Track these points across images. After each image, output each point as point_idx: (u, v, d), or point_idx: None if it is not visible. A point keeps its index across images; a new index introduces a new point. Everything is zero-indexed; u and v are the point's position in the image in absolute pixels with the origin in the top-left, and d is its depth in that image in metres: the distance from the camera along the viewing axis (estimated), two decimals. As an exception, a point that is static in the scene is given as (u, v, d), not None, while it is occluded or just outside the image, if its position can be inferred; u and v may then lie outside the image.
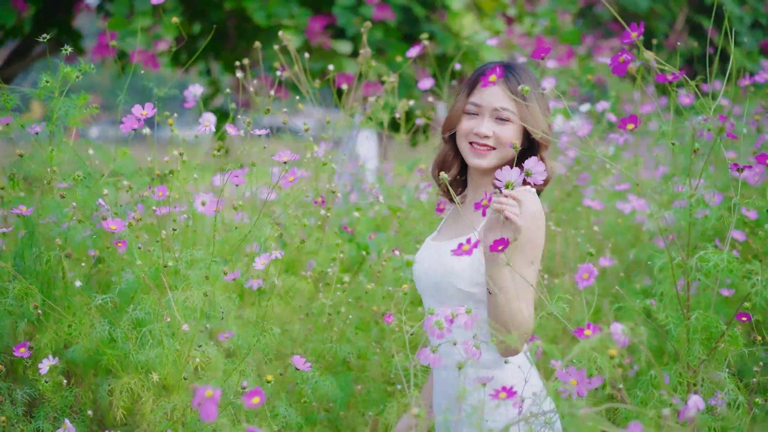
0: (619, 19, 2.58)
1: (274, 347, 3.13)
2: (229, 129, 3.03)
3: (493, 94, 2.70)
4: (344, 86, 4.04)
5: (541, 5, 8.97)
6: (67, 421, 2.71)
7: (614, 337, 2.25)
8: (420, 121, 4.49)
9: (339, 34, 7.47)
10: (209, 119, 3.85)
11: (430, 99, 4.80)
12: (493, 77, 2.47)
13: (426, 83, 4.47)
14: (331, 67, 4.06)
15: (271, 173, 3.81)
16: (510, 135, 2.69)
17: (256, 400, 2.01)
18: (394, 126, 4.44)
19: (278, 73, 3.87)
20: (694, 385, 2.42)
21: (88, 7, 7.87)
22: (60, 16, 7.94)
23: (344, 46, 7.35)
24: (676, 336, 2.42)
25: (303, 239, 3.27)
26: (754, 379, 2.57)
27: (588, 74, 5.60)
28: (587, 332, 2.23)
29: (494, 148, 2.72)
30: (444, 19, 7.59)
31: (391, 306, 3.53)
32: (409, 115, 4.96)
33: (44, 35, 3.08)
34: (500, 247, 2.37)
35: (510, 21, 8.27)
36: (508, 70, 2.72)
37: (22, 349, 2.85)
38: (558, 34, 8.47)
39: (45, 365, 2.82)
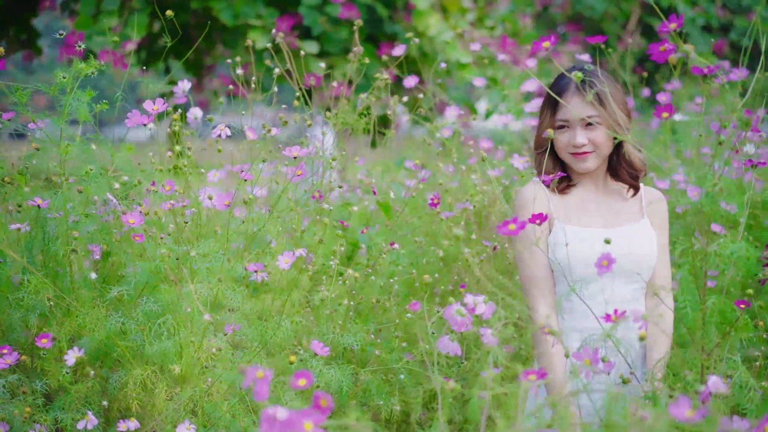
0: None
1: (278, 340, 3.18)
2: (248, 132, 3.10)
3: (575, 107, 2.97)
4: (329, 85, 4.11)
5: (501, 7, 9.08)
6: (90, 413, 2.75)
7: (635, 321, 2.36)
8: (413, 120, 4.55)
9: (305, 34, 7.51)
10: (197, 114, 3.88)
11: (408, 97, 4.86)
12: (578, 75, 2.72)
13: (410, 81, 4.56)
14: (322, 65, 4.12)
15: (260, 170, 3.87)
16: (603, 135, 2.97)
17: (302, 381, 2.07)
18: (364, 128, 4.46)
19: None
20: (707, 368, 2.53)
21: (52, 5, 7.81)
22: (23, 14, 7.89)
23: (311, 46, 7.39)
24: (692, 320, 2.54)
25: (321, 239, 3.33)
26: (757, 363, 2.70)
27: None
28: (614, 318, 2.34)
29: (593, 151, 3.00)
30: (407, 19, 7.67)
31: (390, 297, 3.61)
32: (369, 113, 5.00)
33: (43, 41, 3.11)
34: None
35: (470, 24, 8.37)
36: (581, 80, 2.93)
37: (44, 340, 2.87)
38: (518, 36, 8.60)
39: (71, 356, 2.85)
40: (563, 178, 3.07)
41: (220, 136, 3.25)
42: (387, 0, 7.65)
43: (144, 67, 7.63)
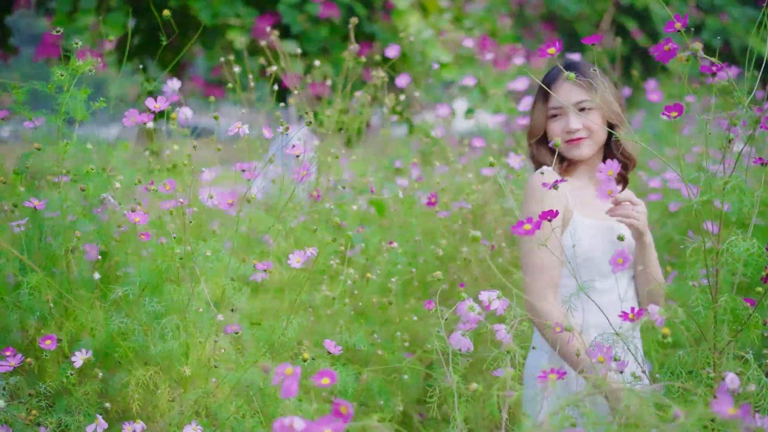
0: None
1: (285, 340, 3.15)
2: (264, 130, 3.06)
3: (567, 92, 2.98)
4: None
5: (476, 7, 9.08)
6: (99, 416, 2.71)
7: (652, 317, 2.35)
8: (395, 118, 4.54)
9: (286, 33, 7.48)
10: (186, 113, 3.84)
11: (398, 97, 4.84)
12: (571, 76, 2.63)
13: (402, 80, 4.55)
14: (317, 62, 4.10)
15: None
16: (596, 121, 2.98)
17: (326, 380, 2.05)
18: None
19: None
20: (719, 366, 2.53)
21: (27, 4, 7.72)
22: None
23: (290, 46, 7.35)
24: (704, 318, 2.54)
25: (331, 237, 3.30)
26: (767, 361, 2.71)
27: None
28: (631, 316, 2.34)
29: (587, 137, 3.00)
30: (386, 19, 7.65)
31: (390, 296, 3.59)
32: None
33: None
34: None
35: (450, 23, 8.37)
36: (570, 69, 2.95)
37: (48, 342, 2.81)
38: (498, 36, 8.60)
39: (78, 358, 2.80)
40: (562, 158, 3.06)
41: (238, 134, 3.20)
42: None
43: (120, 66, 7.56)
